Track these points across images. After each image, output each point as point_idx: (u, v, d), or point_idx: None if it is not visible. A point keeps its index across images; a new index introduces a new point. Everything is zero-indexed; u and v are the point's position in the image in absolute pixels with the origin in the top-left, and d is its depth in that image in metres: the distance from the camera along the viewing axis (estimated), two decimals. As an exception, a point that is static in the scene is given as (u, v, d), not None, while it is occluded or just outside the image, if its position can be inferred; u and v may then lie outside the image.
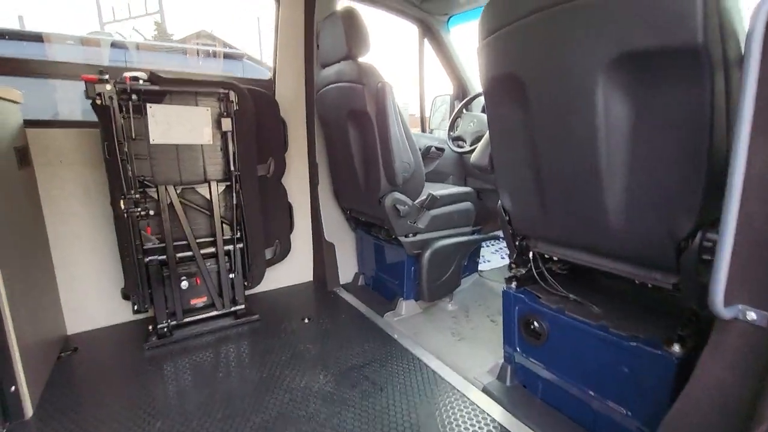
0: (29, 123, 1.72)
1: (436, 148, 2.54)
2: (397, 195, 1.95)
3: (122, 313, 1.98)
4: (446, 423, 1.30)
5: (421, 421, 1.31)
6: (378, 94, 1.75)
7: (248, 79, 2.33)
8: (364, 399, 1.44)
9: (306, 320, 2.07)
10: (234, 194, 1.93)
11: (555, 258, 1.33)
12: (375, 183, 1.95)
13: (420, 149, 2.23)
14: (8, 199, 1.44)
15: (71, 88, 2.62)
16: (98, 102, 1.56)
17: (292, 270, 2.55)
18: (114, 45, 3.97)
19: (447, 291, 2.19)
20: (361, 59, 1.86)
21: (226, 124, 1.84)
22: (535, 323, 1.34)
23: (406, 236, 2.02)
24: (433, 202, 2.04)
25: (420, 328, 2.01)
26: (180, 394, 1.50)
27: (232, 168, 1.91)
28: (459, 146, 2.47)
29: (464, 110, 2.68)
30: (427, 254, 2.02)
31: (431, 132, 3.15)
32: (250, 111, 1.90)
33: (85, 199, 1.90)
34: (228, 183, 1.93)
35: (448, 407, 1.38)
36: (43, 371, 1.57)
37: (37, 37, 3.64)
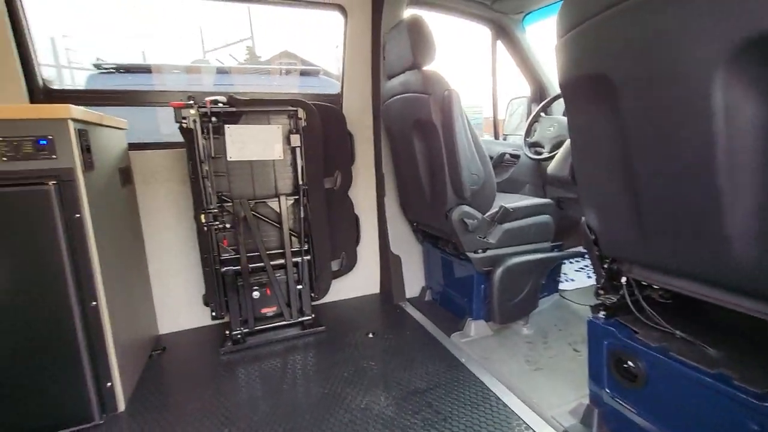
0: (132, 146, 1.95)
1: (510, 155, 2.36)
2: (465, 208, 1.83)
3: (204, 317, 2.14)
4: (518, 469, 1.15)
5: (489, 464, 1.18)
6: (444, 103, 1.67)
7: (318, 94, 2.40)
8: (426, 429, 1.35)
9: (370, 335, 2.03)
10: (301, 207, 1.98)
11: (655, 285, 1.11)
12: (441, 196, 1.86)
13: (492, 157, 2.09)
14: (113, 214, 1.63)
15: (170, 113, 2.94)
16: (184, 125, 1.71)
17: (359, 282, 2.55)
18: (214, 71, 4.45)
19: (522, 313, 2.00)
20: (426, 67, 1.79)
21: (295, 140, 1.90)
22: (630, 362, 1.13)
23: (475, 252, 1.88)
24: (506, 215, 1.88)
25: (490, 352, 1.85)
26: (248, 402, 1.54)
27: (300, 182, 1.96)
28: (536, 153, 2.27)
29: (542, 113, 2.46)
30: (498, 272, 1.86)
31: (505, 138, 2.95)
32: (318, 126, 1.94)
33: (176, 213, 2.09)
34: (296, 197, 1.98)
35: (521, 450, 1.22)
36: (136, 369, 1.74)
37: (146, 69, 4.20)
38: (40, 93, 1.83)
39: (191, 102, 1.70)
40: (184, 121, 1.71)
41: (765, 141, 0.68)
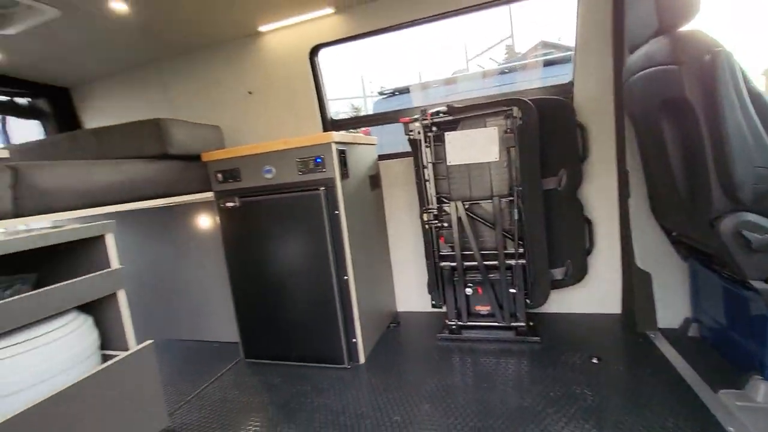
0: (381, 156, 2.44)
1: None
2: (747, 217, 1.27)
3: (427, 303, 2.42)
4: None
5: None
6: (704, 72, 1.21)
7: (546, 87, 2.22)
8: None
9: (594, 359, 1.75)
10: (515, 209, 1.91)
11: None
12: (704, 198, 1.36)
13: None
14: (362, 212, 2.11)
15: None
16: (410, 137, 2.00)
17: (591, 297, 2.20)
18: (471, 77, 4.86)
19: None
20: (683, 28, 1.35)
21: (509, 140, 1.86)
22: None
23: (766, 281, 1.28)
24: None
25: (789, 435, 1.22)
26: (450, 386, 1.67)
27: (515, 183, 1.90)
28: None
29: None
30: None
31: None
32: (534, 123, 1.82)
33: (411, 211, 2.46)
34: (511, 198, 1.93)
35: None
36: (375, 334, 2.19)
37: (406, 90, 5.00)
38: (328, 124, 2.59)
39: (416, 117, 1.97)
40: (410, 133, 2.00)
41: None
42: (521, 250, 1.97)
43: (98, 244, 1.49)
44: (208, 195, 2.05)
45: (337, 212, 1.86)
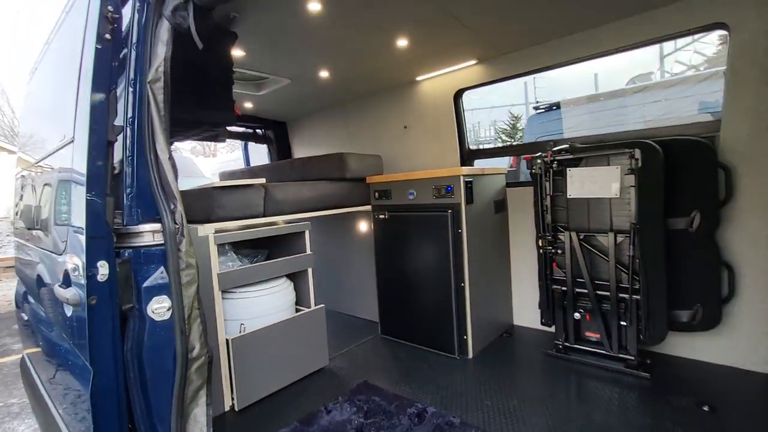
0: (509, 184, 2.75)
1: None
2: None
3: (538, 320, 2.61)
4: None
5: None
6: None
7: (689, 124, 2.15)
8: None
9: (705, 407, 1.72)
10: (632, 245, 1.99)
11: None
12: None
13: None
14: (483, 231, 2.49)
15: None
16: (532, 171, 2.28)
17: (727, 347, 2.04)
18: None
19: None
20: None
21: (629, 179, 1.96)
22: None
23: None
24: None
25: None
26: (540, 395, 1.92)
27: (633, 220, 1.98)
28: None
29: None
30: None
31: None
32: (656, 165, 1.89)
33: (529, 234, 2.68)
34: (628, 234, 2.02)
35: None
36: (487, 337, 2.53)
37: (557, 105, 4.96)
38: (466, 154, 3.03)
39: (538, 154, 2.24)
40: (533, 168, 2.28)
41: None
42: (636, 286, 2.02)
43: (301, 236, 2.32)
44: (368, 207, 2.77)
45: (459, 231, 2.30)
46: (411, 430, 1.69)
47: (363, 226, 3.07)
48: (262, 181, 2.17)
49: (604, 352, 2.16)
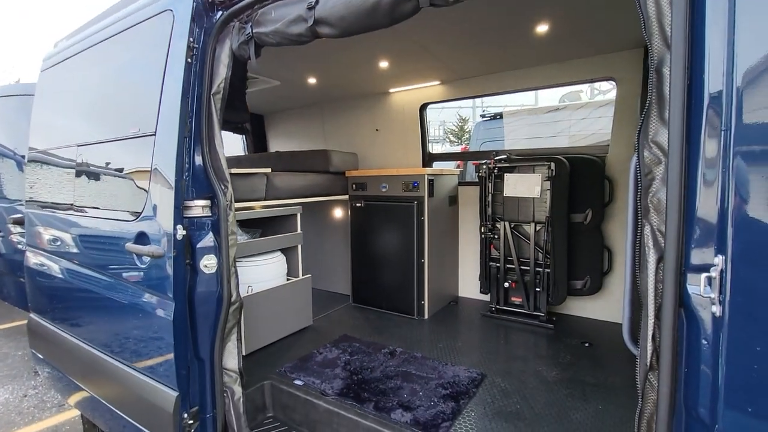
0: (460, 183, 3.43)
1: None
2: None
3: (477, 290, 3.31)
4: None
5: None
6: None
7: (591, 145, 2.95)
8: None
9: (586, 344, 2.50)
10: (546, 233, 2.74)
11: None
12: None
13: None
14: (440, 219, 3.14)
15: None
16: (479, 174, 2.96)
17: (603, 307, 2.88)
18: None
19: None
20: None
21: (547, 185, 2.70)
22: None
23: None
24: None
25: None
26: (477, 340, 2.61)
27: (548, 214, 2.72)
28: None
29: None
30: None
31: None
32: (564, 175, 2.64)
33: (474, 223, 3.38)
34: (544, 224, 2.76)
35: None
36: (439, 303, 3.20)
37: (500, 115, 5.70)
38: (427, 156, 3.66)
39: (483, 162, 2.92)
40: (480, 172, 2.96)
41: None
42: (548, 263, 2.78)
43: (293, 218, 2.79)
44: (346, 197, 3.29)
45: (422, 218, 2.92)
46: (387, 362, 2.28)
47: (339, 213, 3.58)
48: (268, 170, 2.62)
49: (524, 311, 2.91)
